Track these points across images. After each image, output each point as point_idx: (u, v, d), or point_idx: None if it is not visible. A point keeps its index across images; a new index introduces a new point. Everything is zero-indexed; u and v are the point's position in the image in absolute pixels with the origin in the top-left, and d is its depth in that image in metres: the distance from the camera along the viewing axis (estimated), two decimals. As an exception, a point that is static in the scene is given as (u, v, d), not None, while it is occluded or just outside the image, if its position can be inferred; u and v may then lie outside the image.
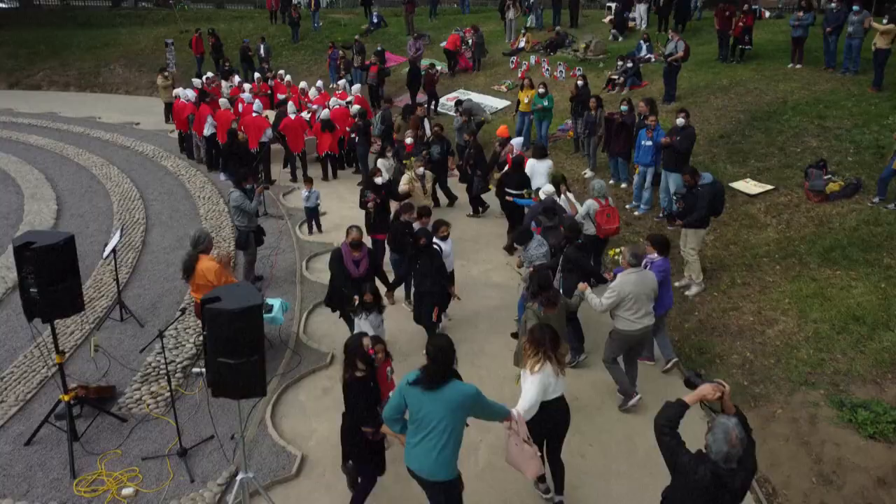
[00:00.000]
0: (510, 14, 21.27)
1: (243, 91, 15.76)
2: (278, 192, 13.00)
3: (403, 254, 7.89)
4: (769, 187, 10.35)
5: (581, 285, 6.46)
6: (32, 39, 27.93)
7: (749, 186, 10.51)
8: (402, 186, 9.62)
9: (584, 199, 9.21)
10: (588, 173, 12.45)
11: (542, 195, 8.91)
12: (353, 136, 13.56)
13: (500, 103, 17.59)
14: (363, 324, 6.36)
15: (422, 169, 9.87)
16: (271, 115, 14.81)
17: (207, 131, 13.96)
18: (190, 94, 14.82)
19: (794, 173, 10.57)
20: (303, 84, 16.42)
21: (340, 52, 20.42)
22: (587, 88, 13.29)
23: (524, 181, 10.17)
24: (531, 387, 4.84)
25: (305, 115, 14.46)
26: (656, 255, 6.90)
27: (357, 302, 6.53)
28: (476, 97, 18.08)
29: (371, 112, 15.94)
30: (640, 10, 20.54)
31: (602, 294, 6.41)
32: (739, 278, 8.43)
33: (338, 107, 14.26)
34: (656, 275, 6.59)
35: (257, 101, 13.93)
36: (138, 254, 10.10)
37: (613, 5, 20.97)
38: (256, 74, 17.93)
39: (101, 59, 26.57)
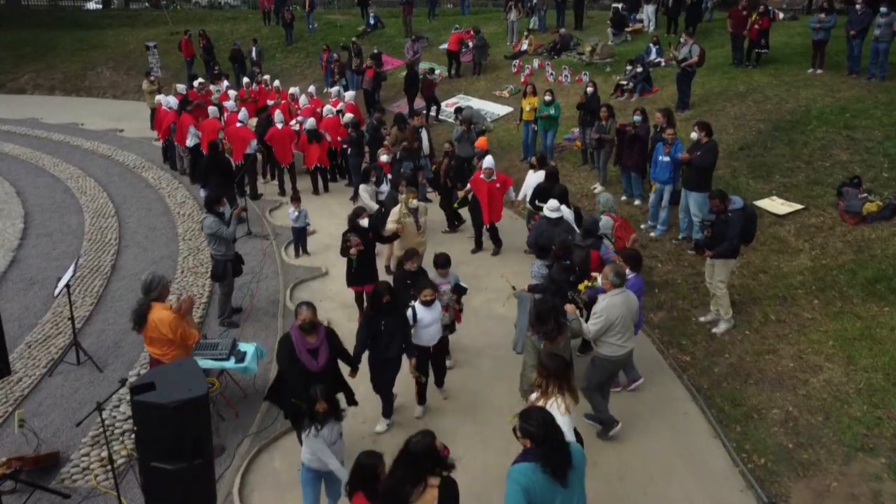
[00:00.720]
0: (512, 15, 20.37)
1: (229, 98, 14.86)
2: (264, 208, 12.09)
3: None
4: (798, 206, 9.45)
5: (568, 307, 5.87)
6: (18, 41, 27.02)
7: (776, 205, 9.61)
8: (390, 224, 8.16)
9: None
10: (598, 188, 11.54)
11: (547, 212, 8.03)
12: (345, 147, 12.63)
13: (501, 109, 16.69)
14: (313, 442, 4.58)
15: (415, 201, 8.32)
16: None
17: (190, 142, 13.05)
18: (172, 101, 13.93)
19: (824, 191, 9.66)
20: (293, 90, 15.50)
21: (335, 54, 19.53)
22: (597, 96, 12.38)
23: (563, 195, 8.87)
24: None
25: (294, 124, 13.57)
26: (629, 271, 6.40)
27: (304, 410, 4.62)
28: (476, 103, 17.17)
29: (363, 121, 15.04)
30: (647, 11, 19.64)
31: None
32: (773, 313, 7.52)
33: (330, 115, 13.36)
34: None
35: (243, 109, 13.01)
36: (106, 280, 9.19)
37: (620, 5, 20.06)
38: (245, 79, 17.00)
39: (89, 61, 25.67)
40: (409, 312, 6.04)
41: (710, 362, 7.12)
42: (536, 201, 9.53)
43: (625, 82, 15.42)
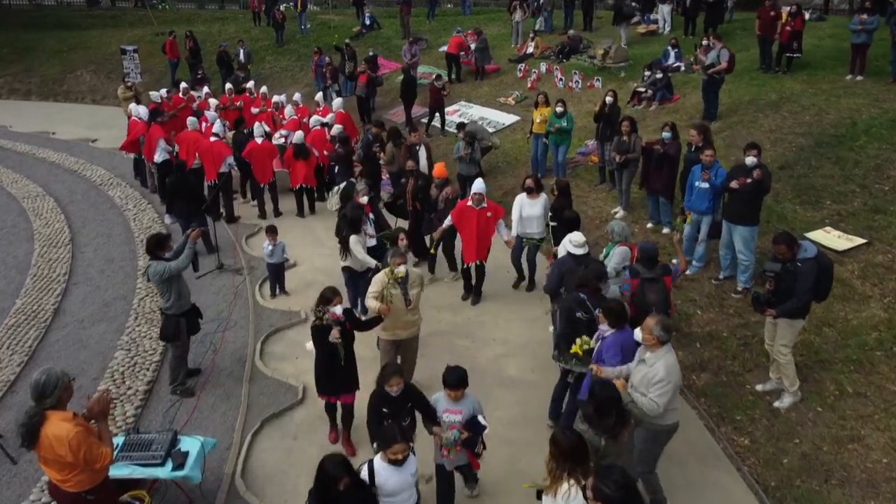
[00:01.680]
0: (517, 16, 18.96)
1: (210, 107, 13.46)
2: (240, 234, 10.68)
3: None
4: (860, 241, 8.04)
5: (619, 384, 4.72)
6: (-5, 43, 25.62)
7: (833, 239, 8.21)
8: (371, 301, 5.81)
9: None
10: (619, 213, 10.15)
11: (571, 247, 6.65)
12: (332, 164, 11.22)
13: (507, 118, 15.27)
14: None
15: (402, 267, 5.90)
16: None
17: (159, 157, 11.66)
18: (142, 110, 12.52)
19: (888, 221, 8.27)
20: (277, 98, 14.10)
21: (326, 58, 18.11)
22: (617, 106, 10.97)
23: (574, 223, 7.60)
24: None
25: (278, 138, 12.17)
26: (607, 327, 5.31)
27: None
28: (479, 111, 15.78)
29: (357, 132, 13.64)
30: (662, 12, 18.22)
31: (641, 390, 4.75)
32: (848, 383, 6.12)
33: (317, 126, 11.96)
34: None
35: (217, 121, 11.58)
36: (44, 330, 7.77)
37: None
38: (227, 85, 15.58)
39: (68, 64, 24.23)
40: (365, 471, 4.09)
41: (776, 449, 5.71)
42: (550, 227, 8.18)
43: (643, 89, 14.02)
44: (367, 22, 22.83)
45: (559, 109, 11.06)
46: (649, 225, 9.64)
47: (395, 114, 16.71)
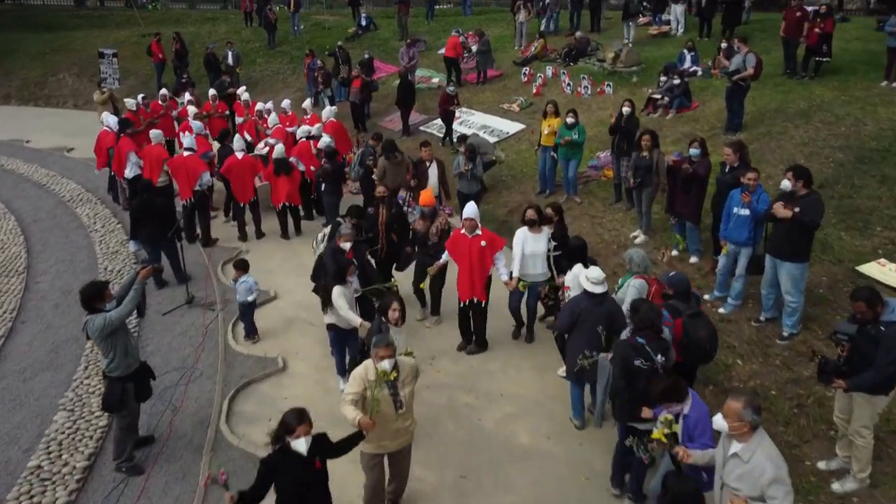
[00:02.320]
0: (521, 16, 17.89)
1: (188, 116, 12.38)
2: (217, 260, 9.59)
3: None
4: (924, 277, 6.99)
5: (681, 451, 4.02)
6: (-26, 44, 24.53)
7: (889, 274, 7.14)
8: (349, 409, 4.30)
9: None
10: (639, 237, 9.08)
11: (588, 284, 5.63)
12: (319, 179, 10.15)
13: (511, 126, 14.19)
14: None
15: (389, 362, 4.34)
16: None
17: (130, 172, 10.59)
18: (112, 120, 11.45)
19: (953, 252, 7.22)
20: (261, 105, 13.01)
21: (319, 61, 17.03)
22: (635, 118, 9.88)
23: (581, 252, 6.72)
24: None
25: (262, 147, 11.11)
26: (676, 405, 4.36)
27: None
28: (481, 118, 14.70)
29: (350, 144, 12.56)
30: (675, 12, 17.12)
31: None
32: (934, 464, 5.06)
33: (305, 137, 10.87)
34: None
35: (187, 134, 10.41)
36: (-22, 383, 6.70)
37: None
38: (211, 91, 14.49)
39: (51, 66, 23.15)
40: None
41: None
42: (552, 257, 7.07)
43: (658, 96, 12.94)
44: (364, 22, 21.77)
45: (570, 120, 10.00)
46: (674, 252, 8.57)
47: (391, 121, 15.65)
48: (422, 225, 7.57)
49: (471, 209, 6.99)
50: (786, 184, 6.41)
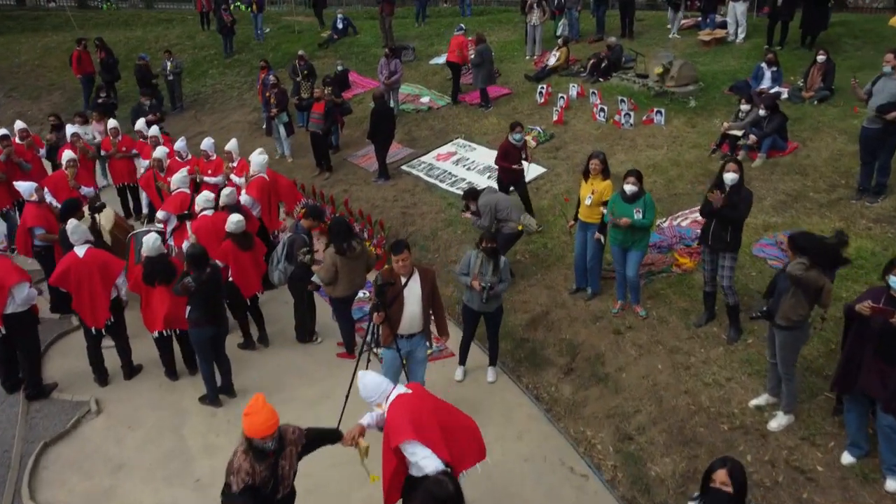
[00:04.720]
0: (533, 17, 14.05)
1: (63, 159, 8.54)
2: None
3: None
4: None
5: None
6: None
7: None
8: None
9: None
10: (777, 422, 5.20)
11: None
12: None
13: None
14: None
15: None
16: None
17: None
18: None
19: None
20: (179, 144, 9.20)
21: (273, 76, 13.10)
22: (746, 189, 5.93)
23: None
24: None
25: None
26: None
27: None
28: (485, 155, 10.83)
29: (286, 211, 8.69)
30: (735, 11, 13.17)
31: None
32: None
33: (206, 212, 7.02)
34: None
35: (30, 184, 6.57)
36: None
37: None
38: (111, 122, 10.58)
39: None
40: None
41: None
42: None
43: (739, 132, 9.08)
44: (340, 25, 17.89)
45: (630, 188, 6.16)
46: (853, 459, 4.68)
47: (365, 157, 11.78)
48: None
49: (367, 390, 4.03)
50: None
